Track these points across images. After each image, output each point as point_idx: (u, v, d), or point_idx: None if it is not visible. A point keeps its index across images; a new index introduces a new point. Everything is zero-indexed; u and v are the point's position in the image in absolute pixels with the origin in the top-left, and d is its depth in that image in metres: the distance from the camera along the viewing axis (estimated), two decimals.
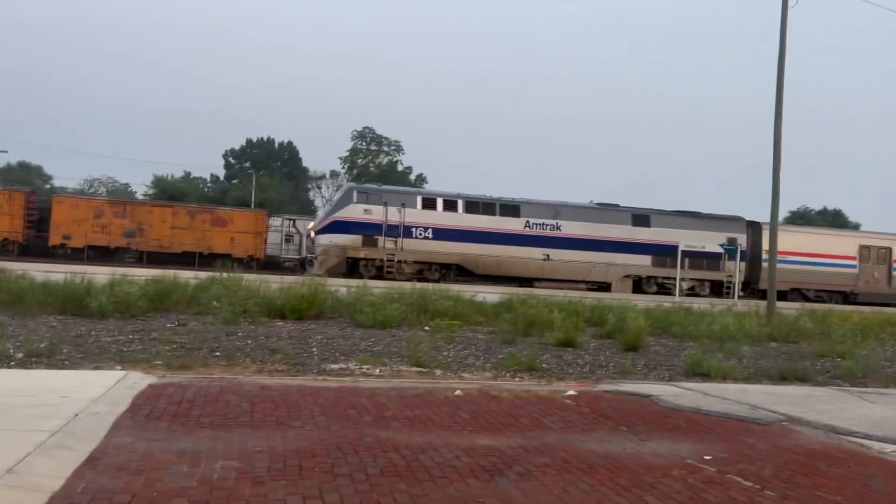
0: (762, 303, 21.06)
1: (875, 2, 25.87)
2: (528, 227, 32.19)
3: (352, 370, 9.04)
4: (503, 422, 6.57)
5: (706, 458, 5.72)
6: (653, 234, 33.38)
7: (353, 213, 30.76)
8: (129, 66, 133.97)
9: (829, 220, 77.77)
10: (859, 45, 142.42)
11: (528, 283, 31.12)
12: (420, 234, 31.10)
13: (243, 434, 5.61)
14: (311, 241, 31.82)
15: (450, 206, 32.04)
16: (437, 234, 31.24)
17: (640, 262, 33.23)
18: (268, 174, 73.99)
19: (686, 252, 32.23)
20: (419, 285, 17.87)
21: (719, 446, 6.14)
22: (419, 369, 9.32)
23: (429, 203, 32.01)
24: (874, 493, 5.10)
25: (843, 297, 35.05)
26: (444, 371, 9.36)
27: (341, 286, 16.82)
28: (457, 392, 7.72)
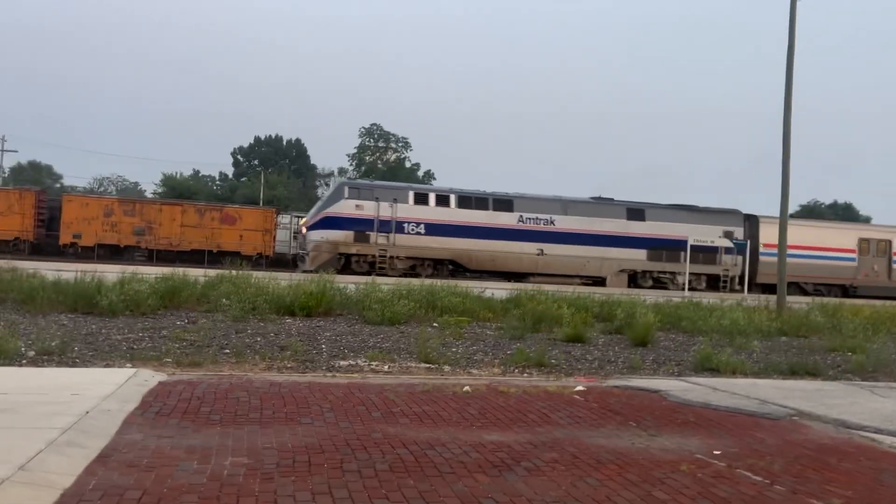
0: (772, 297, 20.96)
1: None
2: (522, 221, 31.96)
3: (361, 367, 9.07)
4: (512, 417, 6.57)
5: (715, 452, 5.71)
6: (648, 228, 33.13)
7: (344, 208, 30.54)
8: (139, 65, 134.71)
9: (839, 214, 77.29)
10: (870, 40, 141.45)
11: (521, 278, 30.78)
12: (412, 230, 30.88)
13: (253, 430, 5.64)
14: (303, 238, 31.69)
15: (442, 201, 31.79)
16: (430, 230, 31.00)
17: (635, 257, 32.98)
18: (276, 172, 74.16)
19: (682, 245, 32.06)
20: (427, 282, 17.85)
21: (729, 441, 6.12)
22: (428, 365, 9.34)
23: (421, 198, 31.76)
24: (885, 488, 5.08)
25: (843, 290, 34.67)
26: (453, 367, 9.38)
27: (350, 283, 16.85)
28: (465, 388, 7.72)
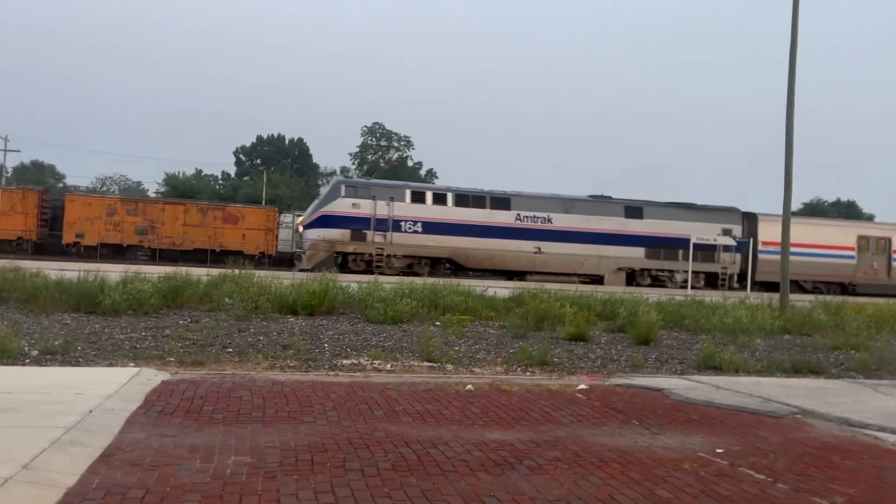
0: (775, 295, 20.93)
1: None
2: (519, 219, 31.91)
3: (363, 365, 9.07)
4: (514, 416, 6.57)
5: (718, 451, 5.70)
6: (646, 226, 33.05)
7: (340, 207, 30.47)
8: (141, 65, 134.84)
9: (842, 212, 77.22)
10: (871, 40, 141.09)
11: (519, 276, 30.73)
12: (409, 228, 30.81)
13: (255, 429, 5.64)
14: (300, 237, 31.58)
15: (439, 199, 31.72)
16: (427, 228, 30.93)
17: (633, 255, 32.90)
18: (278, 171, 74.24)
19: (680, 243, 31.98)
20: (430, 280, 17.85)
21: (731, 439, 6.12)
22: (430, 364, 9.34)
23: (418, 196, 31.69)
24: (888, 486, 5.07)
25: (842, 288, 34.55)
26: (456, 366, 9.37)
27: (352, 282, 16.85)
28: (468, 387, 7.72)
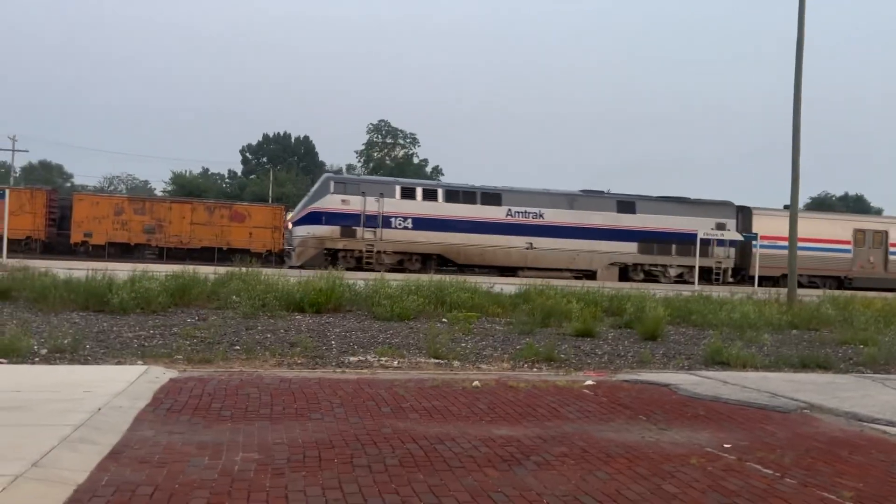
0: (783, 290, 20.87)
1: None
2: (511, 215, 31.74)
3: (370, 362, 9.09)
4: (521, 412, 6.58)
5: (725, 446, 5.70)
6: (639, 221, 32.88)
7: (330, 203, 30.32)
8: (147, 65, 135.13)
9: (850, 206, 76.96)
10: (873, 38, 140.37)
11: (510, 272, 30.60)
12: (400, 224, 30.65)
13: (263, 426, 5.67)
14: (289, 233, 31.43)
15: (429, 195, 31.58)
16: (418, 224, 30.78)
17: (625, 250, 32.73)
18: (284, 169, 74.41)
19: (673, 238, 31.80)
20: (436, 277, 17.85)
21: (739, 434, 6.11)
22: (437, 361, 9.35)
23: (408, 192, 31.54)
24: None
25: (838, 282, 34.35)
26: (462, 362, 9.38)
27: (359, 279, 16.87)
28: (475, 383, 7.73)
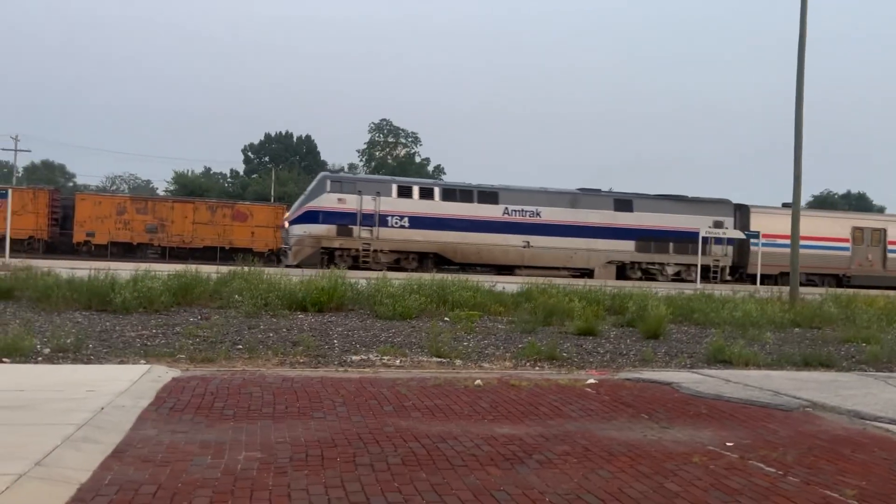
0: (785, 288, 20.85)
1: None
2: (507, 213, 31.68)
3: (372, 361, 9.10)
4: (523, 411, 6.58)
5: (728, 444, 5.69)
6: (636, 219, 32.83)
7: (326, 202, 30.29)
8: (149, 65, 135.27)
9: (852, 205, 76.88)
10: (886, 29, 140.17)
11: (508, 271, 30.56)
12: (396, 223, 30.61)
13: (266, 425, 5.67)
14: (286, 232, 31.32)
15: (426, 193, 31.54)
16: (414, 223, 30.71)
17: (623, 248, 32.68)
18: (286, 168, 74.41)
19: (671, 236, 31.79)
20: (438, 276, 17.85)
21: (741, 433, 6.11)
22: (439, 359, 9.36)
23: (404, 191, 31.50)
24: None
25: (836, 280, 34.25)
26: (464, 361, 9.39)
27: (361, 278, 16.88)
28: (477, 382, 7.74)
